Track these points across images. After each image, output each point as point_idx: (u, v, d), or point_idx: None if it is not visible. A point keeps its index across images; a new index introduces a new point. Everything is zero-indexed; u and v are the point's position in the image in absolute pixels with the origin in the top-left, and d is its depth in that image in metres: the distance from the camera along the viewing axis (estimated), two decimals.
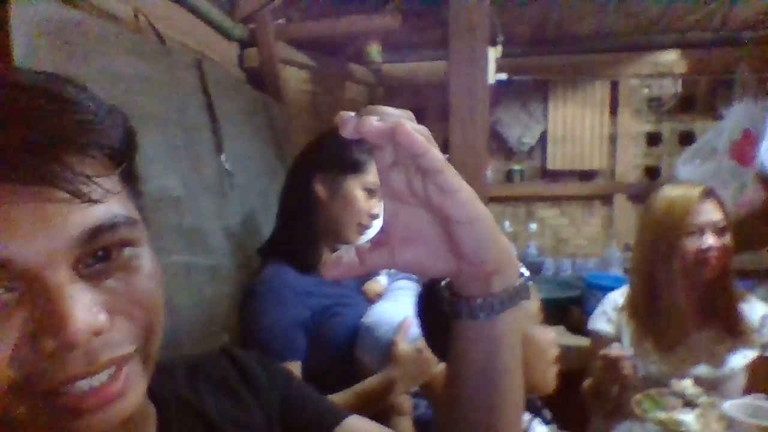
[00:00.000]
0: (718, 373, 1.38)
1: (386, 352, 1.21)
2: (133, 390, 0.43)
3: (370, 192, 1.32)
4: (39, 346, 0.38)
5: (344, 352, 1.29)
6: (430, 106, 2.78)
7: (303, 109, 2.20)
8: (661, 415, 1.19)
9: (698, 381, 1.31)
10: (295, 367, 1.21)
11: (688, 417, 1.18)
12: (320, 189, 1.30)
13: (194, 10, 1.60)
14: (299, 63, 2.18)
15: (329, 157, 1.31)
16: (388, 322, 1.27)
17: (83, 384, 0.40)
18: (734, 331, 1.42)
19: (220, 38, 1.81)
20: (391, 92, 2.77)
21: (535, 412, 1.02)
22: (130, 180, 0.46)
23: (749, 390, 1.35)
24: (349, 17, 2.13)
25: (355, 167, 1.32)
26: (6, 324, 0.38)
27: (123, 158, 0.44)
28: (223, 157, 1.45)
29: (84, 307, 0.39)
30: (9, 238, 0.37)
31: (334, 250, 1.40)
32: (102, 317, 0.40)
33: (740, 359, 1.40)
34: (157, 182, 1.15)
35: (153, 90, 1.20)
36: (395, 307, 1.33)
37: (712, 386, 1.32)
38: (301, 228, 1.31)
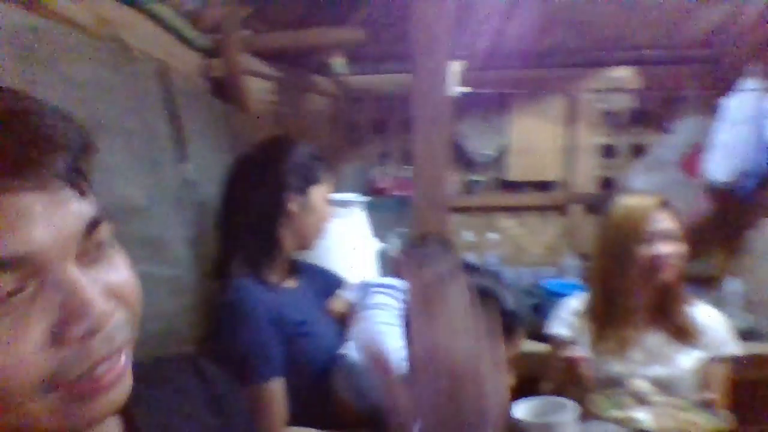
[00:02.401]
0: (670, 373, 1.44)
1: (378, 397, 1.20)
2: (129, 373, 0.46)
3: (328, 200, 1.37)
4: (67, 335, 0.39)
5: (318, 377, 1.27)
6: (393, 118, 2.81)
7: (267, 120, 2.20)
8: (618, 414, 1.23)
9: (652, 381, 1.36)
10: (280, 384, 1.20)
11: (643, 414, 1.22)
12: (293, 205, 1.31)
13: (158, 20, 1.60)
14: (263, 74, 2.19)
15: (300, 173, 1.32)
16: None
17: (103, 368, 0.42)
18: (684, 333, 1.49)
19: (184, 48, 1.81)
20: (354, 104, 2.80)
21: None
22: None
23: (701, 389, 1.41)
24: (314, 29, 2.16)
25: (320, 179, 1.35)
26: (27, 320, 0.39)
27: (84, 160, 0.45)
28: (186, 167, 1.45)
29: (99, 293, 0.41)
30: (26, 234, 0.38)
31: (293, 260, 1.40)
32: (112, 302, 0.43)
33: (689, 360, 1.47)
34: (118, 191, 1.15)
35: (115, 98, 1.19)
36: (385, 341, 1.31)
37: (665, 385, 1.38)
38: (270, 243, 1.30)
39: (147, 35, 1.54)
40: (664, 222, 1.46)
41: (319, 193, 1.36)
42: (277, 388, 1.19)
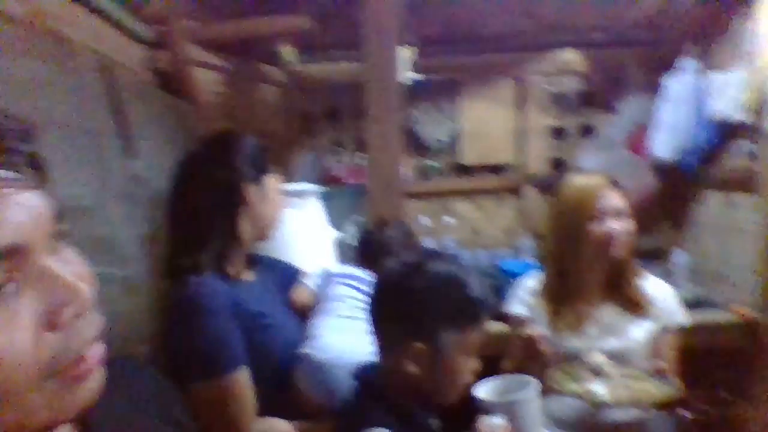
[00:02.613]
0: (624, 345, 1.49)
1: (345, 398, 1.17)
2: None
3: (278, 187, 1.39)
4: (59, 320, 0.41)
5: (279, 371, 1.26)
6: (346, 106, 2.80)
7: (217, 112, 2.16)
8: (575, 387, 1.27)
9: (607, 353, 1.41)
10: (246, 374, 1.18)
11: (599, 387, 1.27)
12: (250, 194, 1.30)
13: (99, 11, 1.54)
14: (211, 65, 2.14)
15: (253, 162, 1.32)
16: (345, 362, 1.20)
17: (92, 349, 0.44)
18: (635, 305, 1.54)
19: (127, 40, 1.75)
20: (306, 94, 2.77)
21: None
22: None
23: (652, 358, 1.46)
24: (261, 19, 2.12)
25: (271, 167, 1.36)
26: (19, 310, 0.40)
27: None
28: (134, 163, 1.41)
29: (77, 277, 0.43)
30: (13, 223, 0.40)
31: (250, 253, 1.38)
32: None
33: (641, 331, 1.52)
34: (63, 191, 1.11)
35: (54, 94, 1.15)
36: (349, 339, 1.29)
37: (620, 357, 1.43)
38: (228, 235, 1.28)
39: (87, 28, 1.49)
40: (614, 200, 1.51)
41: (271, 182, 1.37)
42: (243, 378, 1.18)
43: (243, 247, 1.32)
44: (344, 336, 1.29)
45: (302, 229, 1.82)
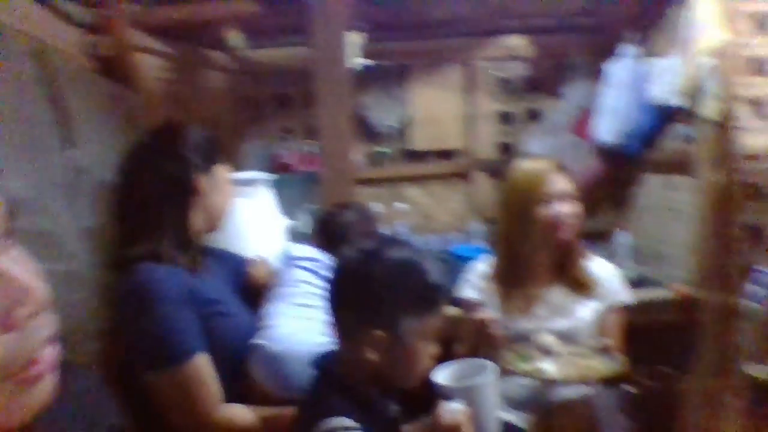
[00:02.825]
0: (572, 325, 1.54)
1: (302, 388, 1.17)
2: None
3: (228, 178, 1.38)
4: (13, 319, 0.40)
5: (234, 360, 1.24)
6: (295, 92, 2.76)
7: (161, 98, 2.10)
8: (526, 367, 1.31)
9: (556, 333, 1.46)
10: (206, 359, 1.17)
11: (548, 365, 1.31)
12: (201, 183, 1.28)
13: None
14: (155, 51, 2.07)
15: (202, 151, 1.30)
16: (300, 353, 1.20)
17: (46, 350, 0.43)
18: (582, 286, 1.60)
19: (63, 24, 1.67)
20: (254, 79, 2.72)
21: None
22: None
23: (599, 336, 1.52)
24: (207, 3, 2.06)
25: (220, 156, 1.35)
26: None
27: None
28: (75, 154, 1.36)
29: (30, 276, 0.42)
30: None
31: (201, 245, 1.36)
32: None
33: (588, 311, 1.58)
34: None
35: None
36: (304, 328, 1.27)
37: (568, 337, 1.48)
38: (180, 226, 1.27)
39: (22, 13, 1.42)
40: (560, 184, 1.54)
41: (222, 170, 1.35)
42: (203, 363, 1.17)
43: (194, 238, 1.31)
44: (299, 324, 1.28)
45: (253, 218, 1.79)
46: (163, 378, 1.13)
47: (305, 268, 1.43)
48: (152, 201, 1.27)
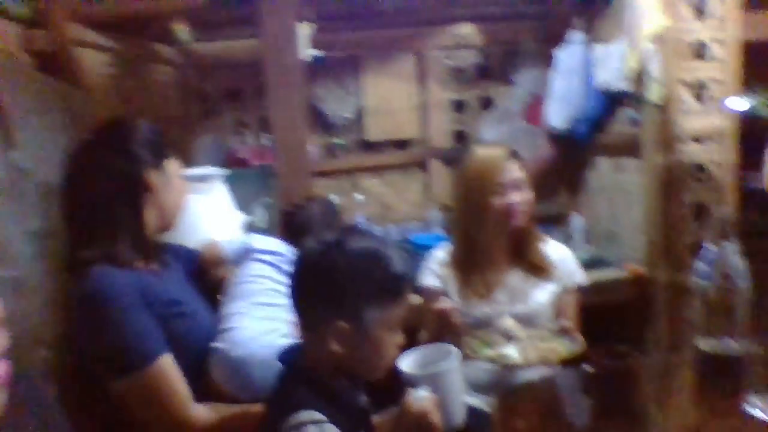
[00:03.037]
0: (530, 308, 1.57)
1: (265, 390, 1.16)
2: None
3: (180, 173, 1.34)
4: None
5: (195, 362, 1.22)
6: (247, 85, 2.72)
7: (107, 94, 2.03)
8: (489, 352, 1.33)
9: (515, 317, 1.48)
10: (170, 360, 1.14)
11: (511, 350, 1.33)
12: (153, 182, 1.25)
13: None
14: (98, 45, 2.00)
15: (152, 147, 1.26)
16: (260, 357, 1.19)
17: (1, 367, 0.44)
18: (539, 269, 1.63)
19: (1, 20, 1.60)
20: (203, 73, 2.66)
21: None
22: None
23: (557, 318, 1.55)
24: None
25: (170, 151, 1.31)
26: None
27: None
28: (15, 155, 1.30)
29: None
30: None
31: (155, 243, 1.33)
32: None
33: (545, 293, 1.61)
34: None
35: None
36: (264, 329, 1.25)
37: (527, 320, 1.50)
38: (133, 225, 1.23)
39: None
40: (514, 172, 1.57)
41: (173, 165, 1.32)
42: (168, 364, 1.14)
43: (148, 237, 1.27)
44: (260, 326, 1.26)
45: (209, 214, 1.76)
46: (129, 384, 1.10)
47: (267, 262, 1.40)
48: (102, 201, 1.22)
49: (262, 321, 1.28)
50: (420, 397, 0.98)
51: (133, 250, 1.22)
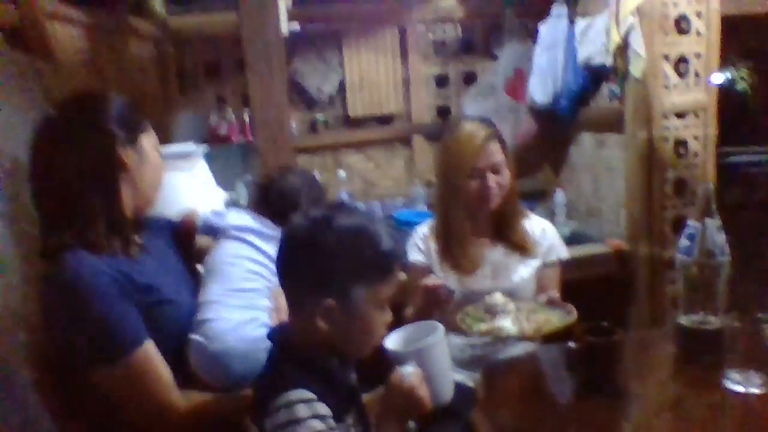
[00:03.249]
0: (515, 283, 1.58)
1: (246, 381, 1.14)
2: None
3: (156, 147, 1.27)
4: None
5: (174, 350, 1.18)
6: (226, 60, 2.66)
7: (81, 70, 1.97)
8: (483, 327, 1.33)
9: (501, 292, 1.49)
10: (152, 346, 1.11)
11: (506, 322, 1.33)
12: (128, 156, 1.17)
13: None
14: (69, 18, 1.93)
15: (125, 122, 1.18)
16: (241, 350, 1.17)
17: None
18: (521, 246, 1.63)
19: None
20: (181, 47, 2.60)
21: None
22: None
23: (539, 293, 1.57)
24: None
25: (145, 125, 1.24)
26: None
27: None
28: None
29: None
30: None
31: (139, 223, 1.29)
32: None
33: (529, 269, 1.62)
34: None
35: None
36: (244, 320, 1.22)
37: (512, 295, 1.51)
38: (108, 205, 1.16)
39: None
40: (493, 156, 1.56)
41: (148, 141, 1.25)
42: (151, 351, 1.11)
43: (125, 218, 1.22)
44: (239, 316, 1.23)
45: (189, 192, 1.73)
46: (112, 372, 1.08)
47: (243, 240, 1.36)
48: (75, 181, 1.14)
49: (239, 310, 1.24)
50: (406, 373, 0.98)
51: (109, 233, 1.16)
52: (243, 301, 1.25)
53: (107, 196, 1.16)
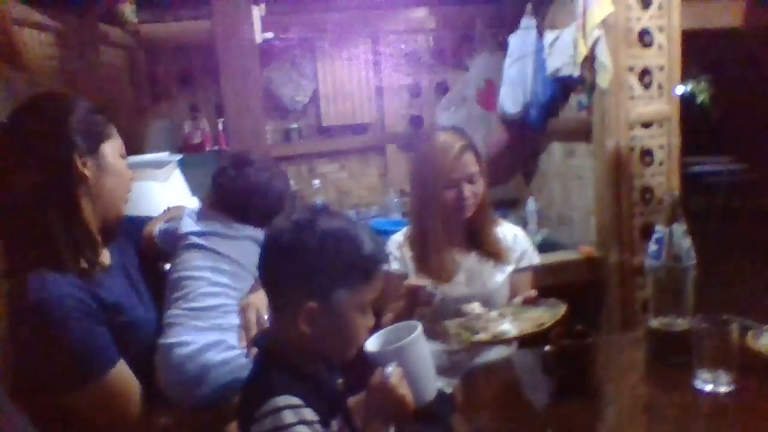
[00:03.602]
0: (490, 290, 1.61)
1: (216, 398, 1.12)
2: None
3: (123, 156, 1.20)
4: None
5: (140, 368, 1.15)
6: (199, 69, 2.65)
7: (50, 77, 1.94)
8: (485, 337, 1.33)
9: (475, 299, 1.51)
10: (122, 367, 1.08)
11: (506, 326, 1.34)
12: (86, 167, 1.10)
13: None
14: (40, 24, 1.91)
15: (85, 129, 1.11)
16: (207, 375, 1.13)
17: None
18: (494, 252, 1.66)
19: None
20: (153, 56, 2.58)
21: None
22: None
23: (512, 298, 1.59)
24: None
25: (109, 134, 1.16)
26: None
27: None
28: None
29: None
30: None
31: (109, 233, 1.25)
32: None
33: (502, 275, 1.65)
34: None
35: None
36: (208, 343, 1.16)
37: (487, 302, 1.53)
38: (69, 221, 1.09)
39: None
40: (467, 167, 1.58)
41: (111, 149, 1.17)
42: (124, 370, 1.09)
43: (90, 231, 1.14)
44: (200, 338, 1.17)
45: (163, 202, 1.72)
46: (86, 394, 1.05)
47: (205, 249, 1.26)
48: (30, 196, 1.07)
49: (202, 333, 1.18)
50: (386, 373, 0.98)
51: (73, 251, 1.09)
52: (206, 322, 1.19)
53: (67, 210, 1.09)
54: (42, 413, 0.98)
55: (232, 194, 1.34)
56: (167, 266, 1.32)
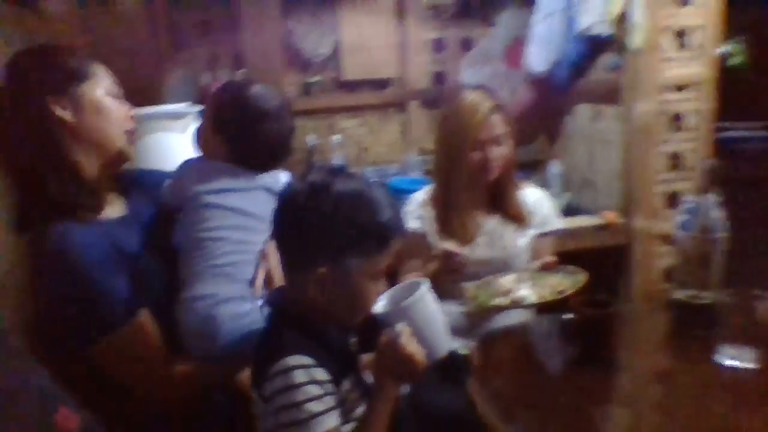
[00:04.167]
0: (510, 253, 1.59)
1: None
2: None
3: (113, 95, 1.17)
4: None
5: (159, 319, 1.15)
6: (219, 20, 2.58)
7: (68, 23, 1.91)
8: (504, 301, 1.33)
9: (495, 262, 1.49)
10: (146, 315, 1.09)
11: (525, 291, 1.33)
12: (61, 110, 1.09)
13: None
14: None
15: (57, 70, 1.10)
16: (225, 331, 1.12)
17: None
18: (516, 216, 1.63)
19: None
20: (173, 3, 2.51)
21: None
22: None
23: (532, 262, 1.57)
24: None
25: (86, 74, 1.13)
26: None
27: None
28: None
29: None
30: None
31: (113, 178, 1.24)
32: None
33: (523, 239, 1.62)
34: None
35: None
36: (226, 297, 1.15)
37: (507, 265, 1.52)
38: (62, 169, 1.09)
39: None
40: (494, 128, 1.54)
41: (93, 89, 1.13)
42: (147, 319, 1.09)
43: (89, 178, 1.12)
44: (223, 290, 1.16)
45: (182, 153, 1.70)
46: (109, 344, 1.06)
47: (226, 208, 1.21)
48: (19, 144, 1.08)
49: (225, 287, 1.16)
50: (394, 332, 0.96)
51: (78, 198, 1.09)
52: (228, 278, 1.18)
53: (53, 156, 1.09)
54: (64, 366, 0.99)
55: (245, 149, 1.26)
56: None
